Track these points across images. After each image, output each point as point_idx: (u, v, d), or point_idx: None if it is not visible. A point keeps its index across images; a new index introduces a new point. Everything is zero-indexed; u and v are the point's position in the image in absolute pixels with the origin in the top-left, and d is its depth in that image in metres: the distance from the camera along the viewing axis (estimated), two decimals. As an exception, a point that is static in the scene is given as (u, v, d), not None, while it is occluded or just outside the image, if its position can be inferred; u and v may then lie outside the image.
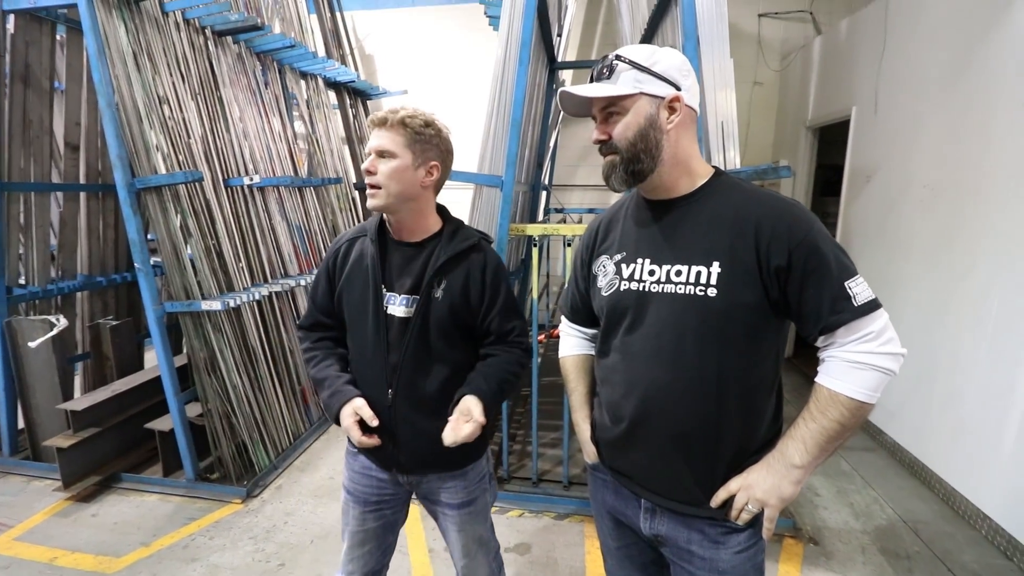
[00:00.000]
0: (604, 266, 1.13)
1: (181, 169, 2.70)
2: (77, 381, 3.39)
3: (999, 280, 2.34)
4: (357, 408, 1.26)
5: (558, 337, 1.45)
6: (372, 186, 1.22)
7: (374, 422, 1.25)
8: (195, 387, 2.81)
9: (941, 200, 2.75)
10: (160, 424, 2.85)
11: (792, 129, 4.81)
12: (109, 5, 2.48)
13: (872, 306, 0.90)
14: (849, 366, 0.91)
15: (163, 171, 2.62)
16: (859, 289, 0.90)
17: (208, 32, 3.07)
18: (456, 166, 2.54)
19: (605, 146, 1.03)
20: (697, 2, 2.28)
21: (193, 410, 2.88)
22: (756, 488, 0.96)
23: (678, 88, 0.99)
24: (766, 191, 1.02)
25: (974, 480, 2.46)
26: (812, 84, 4.42)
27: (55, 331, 2.91)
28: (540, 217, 4.87)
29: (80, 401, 2.85)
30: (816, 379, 0.96)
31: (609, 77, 0.99)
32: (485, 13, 3.47)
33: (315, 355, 1.38)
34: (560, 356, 1.35)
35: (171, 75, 2.76)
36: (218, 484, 2.79)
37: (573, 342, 1.33)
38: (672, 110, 0.99)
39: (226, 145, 3.07)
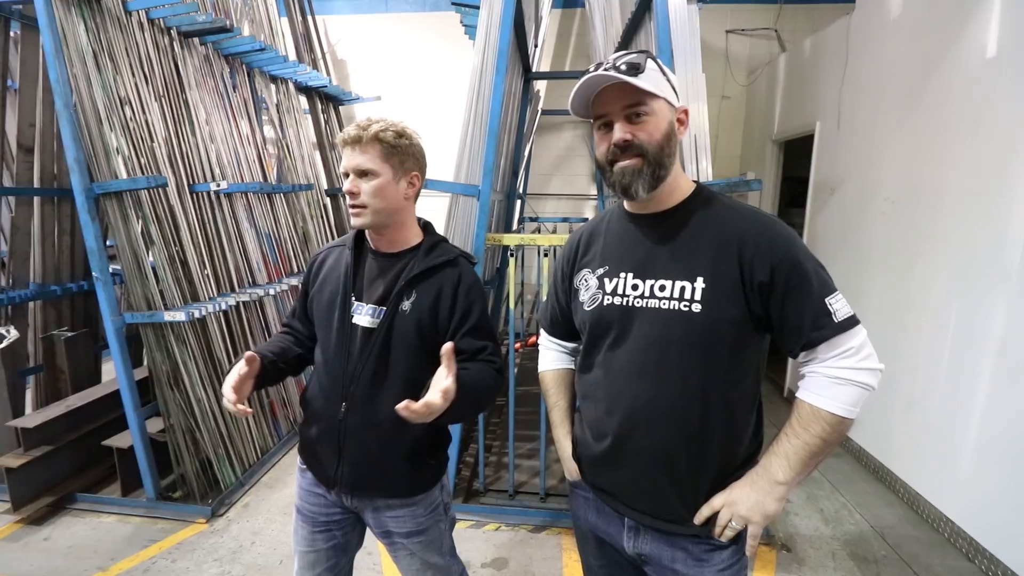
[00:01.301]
0: (586, 280, 1.12)
1: (143, 174, 2.59)
2: (28, 395, 3.20)
3: (957, 291, 2.44)
4: (244, 359, 1.15)
5: (534, 346, 1.44)
6: (356, 206, 1.19)
7: (243, 370, 1.14)
8: (156, 402, 2.69)
9: (902, 213, 2.86)
10: (118, 441, 2.71)
11: (759, 142, 4.95)
12: (68, 2, 2.37)
13: (851, 322, 0.92)
14: (830, 382, 0.92)
15: (124, 175, 2.51)
16: (839, 305, 0.92)
17: (174, 33, 2.97)
18: (431, 175, 2.52)
19: (629, 148, 0.96)
20: (671, 18, 2.32)
21: (154, 425, 2.75)
22: (740, 505, 0.96)
23: (679, 101, 1.01)
24: (748, 207, 1.03)
25: (936, 485, 2.55)
26: (778, 99, 4.56)
27: (5, 343, 2.75)
28: (515, 226, 4.87)
29: (32, 418, 2.69)
30: (797, 394, 0.97)
31: (635, 75, 0.93)
32: (461, 22, 3.47)
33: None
34: (540, 370, 1.34)
35: (134, 76, 2.65)
36: (181, 503, 2.67)
37: (553, 356, 1.31)
38: (680, 122, 1.01)
39: (192, 149, 2.97)
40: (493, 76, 2.39)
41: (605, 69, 0.96)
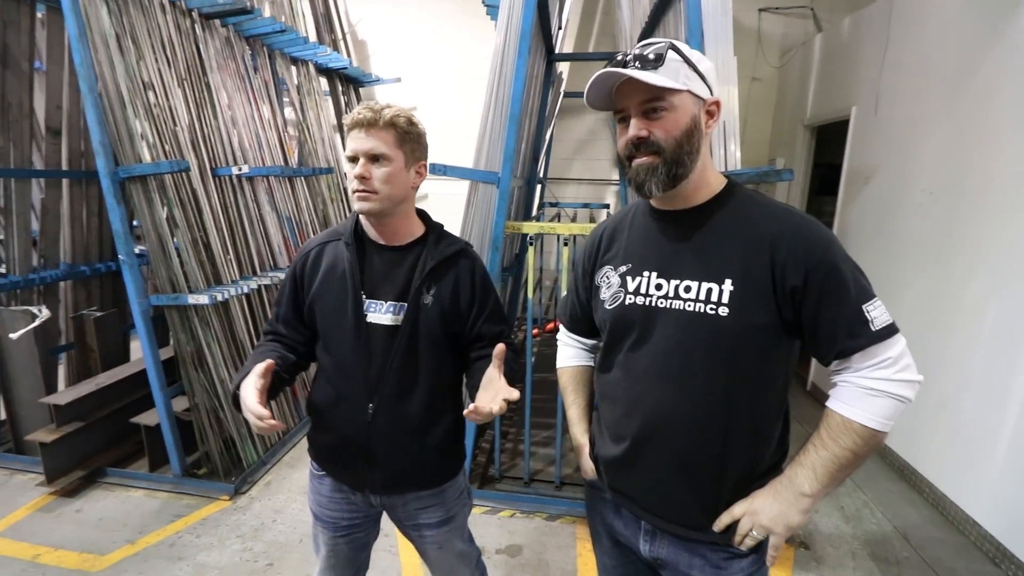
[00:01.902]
0: (608, 277, 1.08)
1: (167, 158, 2.61)
2: (61, 372, 3.31)
3: (998, 288, 2.33)
4: (257, 373, 1.06)
5: (551, 332, 1.41)
6: (366, 191, 1.14)
7: (259, 384, 1.05)
8: (182, 381, 2.75)
9: (941, 204, 2.74)
10: (146, 419, 2.79)
11: (790, 126, 4.78)
12: (91, -15, 2.38)
13: (890, 331, 0.87)
14: (864, 393, 0.88)
15: (148, 160, 2.53)
16: (877, 313, 0.87)
17: (195, 15, 2.96)
18: (452, 160, 2.49)
19: (644, 145, 0.92)
20: (702, -3, 2.22)
21: (180, 404, 2.82)
22: (762, 514, 0.93)
23: (712, 92, 0.94)
24: (782, 206, 0.98)
25: (965, 486, 2.47)
26: (811, 82, 4.38)
27: (37, 322, 2.83)
28: (535, 211, 4.82)
29: (64, 395, 2.78)
30: (828, 404, 0.93)
31: (655, 68, 0.88)
32: (483, 2, 3.38)
33: (257, 351, 1.26)
34: (557, 366, 1.31)
35: (156, 59, 2.66)
36: (205, 480, 2.75)
37: (571, 352, 1.29)
38: (710, 114, 0.95)
39: (214, 133, 2.98)
40: (515, 59, 2.33)
41: (623, 62, 0.92)
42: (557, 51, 4.24)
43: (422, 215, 1.31)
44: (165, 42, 2.73)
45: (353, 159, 1.14)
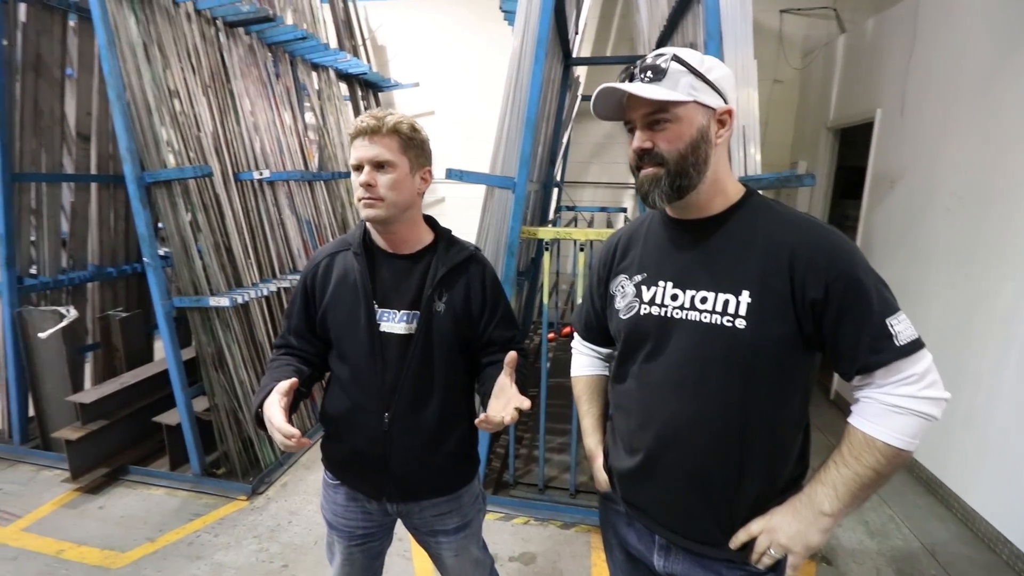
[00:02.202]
0: (622, 287, 1.07)
1: (191, 163, 2.67)
2: (87, 370, 3.41)
3: (1030, 296, 2.24)
4: (281, 391, 1.06)
5: (567, 336, 1.40)
6: (372, 199, 1.13)
7: (283, 402, 1.05)
8: (203, 382, 2.80)
9: (970, 210, 2.65)
10: (167, 418, 2.85)
11: (812, 129, 4.69)
12: (119, -4, 2.45)
13: (915, 346, 0.84)
14: (887, 410, 0.85)
15: (173, 165, 2.59)
16: (902, 327, 0.84)
17: (219, 23, 3.03)
18: (470, 164, 2.49)
19: (648, 156, 0.92)
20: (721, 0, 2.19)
21: (201, 404, 2.87)
22: (780, 533, 0.91)
23: (726, 101, 0.92)
24: (803, 216, 0.95)
25: (996, 502, 2.38)
26: (835, 83, 4.29)
27: (65, 322, 2.91)
28: (551, 215, 4.80)
29: (89, 393, 2.86)
30: (849, 420, 0.90)
31: (660, 79, 0.89)
32: (500, 7, 3.39)
33: (273, 366, 1.24)
34: (572, 375, 1.30)
35: (182, 68, 2.72)
36: (224, 480, 2.79)
37: (586, 361, 1.28)
38: (722, 124, 0.93)
39: (236, 139, 3.04)
40: (531, 65, 2.33)
41: (630, 74, 0.92)
42: (574, 55, 4.23)
43: (430, 221, 1.31)
44: (191, 50, 2.79)
45: (358, 167, 1.14)
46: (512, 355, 1.08)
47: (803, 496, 0.92)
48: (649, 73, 0.90)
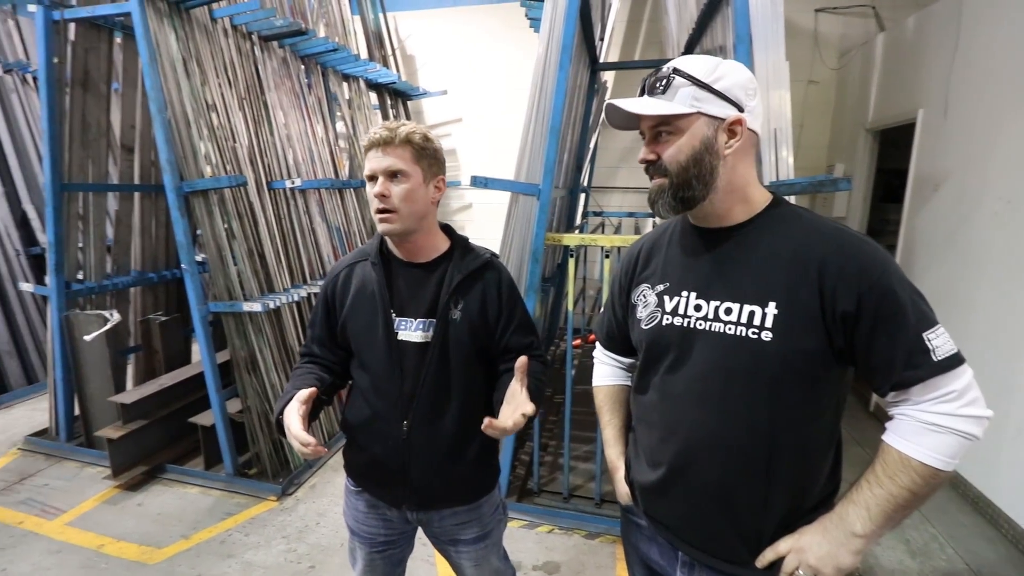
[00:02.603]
0: (644, 296, 1.05)
1: (226, 173, 2.76)
2: (129, 371, 3.55)
3: (1088, 306, 2.11)
4: (300, 399, 1.08)
5: (593, 343, 1.38)
6: (386, 210, 1.14)
7: (302, 410, 1.07)
8: (236, 384, 2.88)
9: (1021, 213, 2.51)
10: (203, 419, 2.94)
11: (850, 131, 4.53)
12: (160, 13, 2.56)
13: (954, 361, 0.80)
14: (924, 428, 0.81)
15: (209, 175, 2.68)
16: (940, 342, 0.80)
17: (255, 37, 3.13)
18: (498, 171, 2.50)
19: (653, 167, 0.94)
20: (751, 1, 2.14)
21: (234, 406, 2.96)
22: (809, 553, 0.87)
23: (741, 109, 0.90)
24: (833, 224, 0.92)
25: (1050, 524, 2.24)
26: (873, 83, 4.14)
27: (109, 325, 3.04)
28: (578, 220, 4.78)
29: (129, 394, 2.98)
30: (884, 438, 0.86)
31: (664, 92, 0.90)
32: (526, 15, 3.41)
33: (296, 375, 1.28)
34: (593, 384, 1.29)
35: (219, 81, 2.82)
36: (255, 480, 2.86)
37: (607, 371, 1.26)
38: (732, 133, 0.90)
39: (270, 148, 3.13)
40: (556, 72, 2.32)
41: (640, 88, 0.95)
42: (601, 60, 4.21)
43: (446, 229, 1.31)
44: (227, 64, 2.90)
45: (372, 178, 1.16)
46: (522, 360, 1.07)
47: (834, 515, 0.89)
48: (657, 86, 0.92)
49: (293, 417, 1.06)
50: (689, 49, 3.35)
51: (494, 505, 1.37)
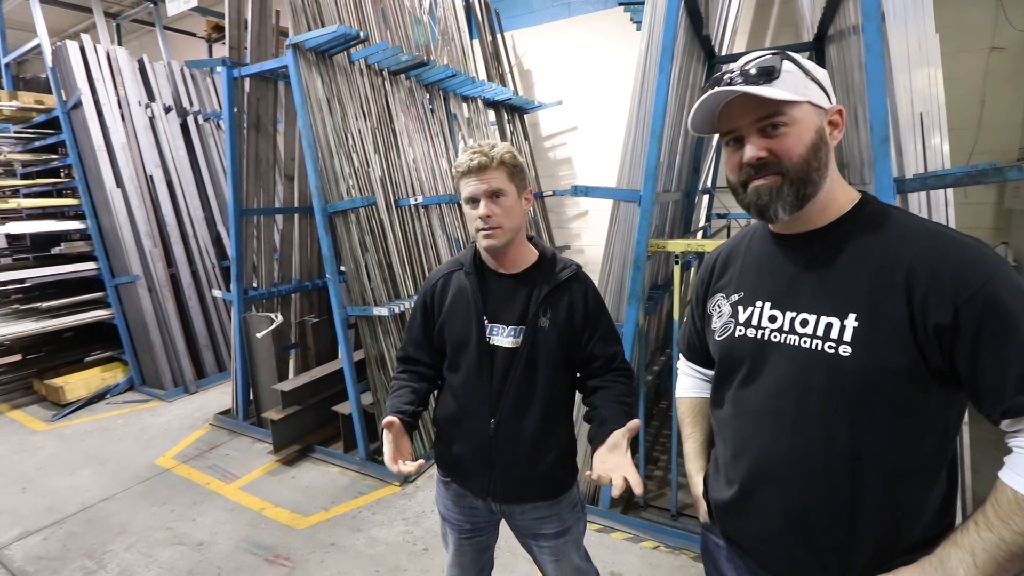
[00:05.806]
0: (719, 306, 1.02)
1: (360, 195, 3.15)
2: (291, 364, 4.19)
3: None
4: (386, 425, 1.22)
5: None
6: (492, 228, 1.24)
7: (390, 437, 1.22)
8: (368, 379, 3.26)
9: None
10: (342, 408, 3.37)
11: (1051, 103, 3.69)
12: (309, 63, 3.01)
13: None
14: None
15: (347, 197, 3.09)
16: None
17: (385, 73, 3.53)
18: (610, 178, 2.46)
19: (767, 166, 0.84)
20: (885, -29, 1.89)
21: (368, 399, 3.34)
22: None
23: (831, 100, 0.86)
24: (930, 225, 0.81)
25: None
26: (1085, 42, 3.33)
27: (274, 325, 3.64)
28: (701, 223, 4.54)
29: (288, 383, 3.52)
30: (1000, 475, 0.75)
31: (768, 80, 0.81)
32: (632, 19, 3.36)
33: (393, 389, 1.39)
34: (675, 396, 1.27)
35: (355, 116, 3.23)
36: (383, 466, 3.18)
37: (689, 383, 1.23)
38: (833, 124, 0.86)
39: (397, 170, 3.49)
40: (656, 75, 2.28)
41: (729, 79, 0.85)
42: (724, 52, 3.97)
43: (532, 240, 1.39)
44: (363, 99, 3.31)
45: (473, 200, 1.26)
46: (635, 423, 1.14)
47: (934, 559, 0.78)
48: (758, 75, 0.82)
49: (386, 445, 1.21)
50: (823, 30, 3.04)
51: (572, 503, 1.42)
